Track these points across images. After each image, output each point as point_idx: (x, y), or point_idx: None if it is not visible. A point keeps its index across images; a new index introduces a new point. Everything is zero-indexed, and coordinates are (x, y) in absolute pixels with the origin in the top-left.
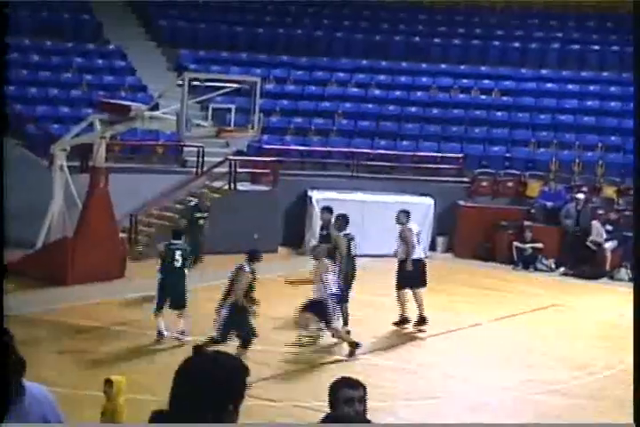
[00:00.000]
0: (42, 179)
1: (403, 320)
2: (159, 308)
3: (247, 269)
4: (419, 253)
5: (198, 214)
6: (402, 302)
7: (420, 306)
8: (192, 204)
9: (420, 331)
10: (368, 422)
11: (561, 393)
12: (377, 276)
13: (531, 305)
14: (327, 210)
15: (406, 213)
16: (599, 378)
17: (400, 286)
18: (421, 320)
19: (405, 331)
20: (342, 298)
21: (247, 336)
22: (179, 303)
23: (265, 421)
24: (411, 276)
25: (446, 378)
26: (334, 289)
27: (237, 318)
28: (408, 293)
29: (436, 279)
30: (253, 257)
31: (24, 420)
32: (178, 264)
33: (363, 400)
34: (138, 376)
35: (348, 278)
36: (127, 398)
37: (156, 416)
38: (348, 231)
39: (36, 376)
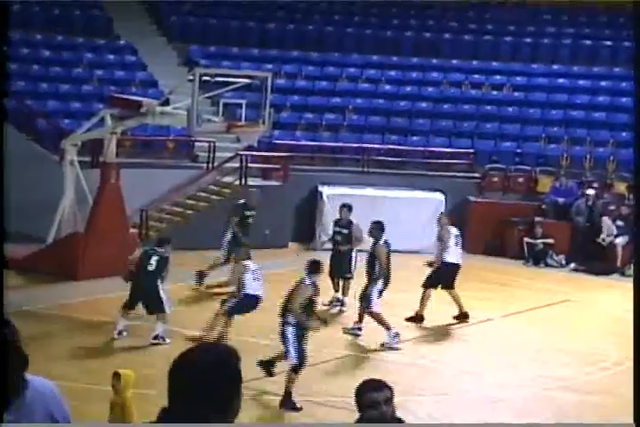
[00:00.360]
0: (53, 174)
1: (416, 317)
2: (124, 307)
3: (308, 281)
4: (455, 255)
5: (248, 212)
6: (423, 299)
7: (457, 303)
8: (241, 202)
9: (464, 322)
10: (400, 420)
11: (572, 389)
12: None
13: (541, 301)
14: (347, 207)
15: (447, 215)
16: (610, 374)
17: (426, 284)
18: (464, 316)
19: (419, 326)
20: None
21: (302, 360)
22: (155, 308)
23: (274, 415)
24: (439, 277)
25: (458, 374)
26: (250, 291)
27: (302, 338)
28: (431, 292)
29: None
30: (314, 269)
31: (26, 414)
32: (150, 268)
33: (389, 401)
34: (148, 371)
35: (385, 285)
36: (137, 392)
37: (164, 412)
38: (385, 238)
39: (47, 371)
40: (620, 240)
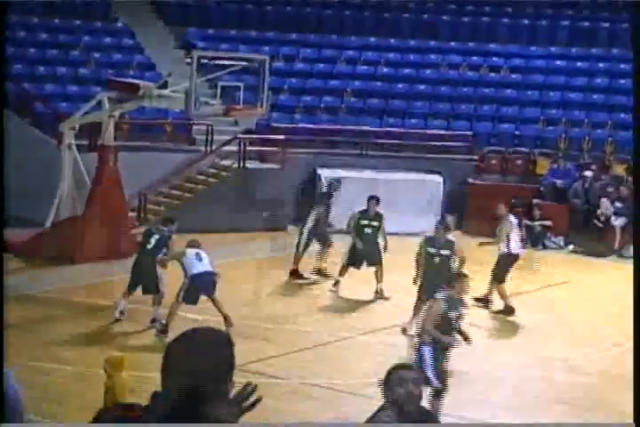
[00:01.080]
0: (51, 158)
1: (506, 310)
2: (129, 289)
3: (439, 296)
4: (515, 246)
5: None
6: (503, 293)
7: (491, 295)
8: (324, 191)
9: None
10: (427, 411)
11: (572, 370)
12: (389, 255)
13: (539, 283)
14: (375, 199)
15: (504, 204)
16: (609, 355)
17: (502, 279)
18: (486, 301)
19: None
20: None
21: (443, 383)
22: (149, 288)
23: (271, 398)
24: (503, 268)
25: (458, 355)
26: (195, 271)
27: (441, 358)
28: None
29: None
30: (450, 284)
31: None
32: (149, 247)
33: (418, 381)
34: (151, 354)
35: None
36: (137, 375)
37: (156, 396)
38: None
39: (48, 355)
40: (618, 222)
